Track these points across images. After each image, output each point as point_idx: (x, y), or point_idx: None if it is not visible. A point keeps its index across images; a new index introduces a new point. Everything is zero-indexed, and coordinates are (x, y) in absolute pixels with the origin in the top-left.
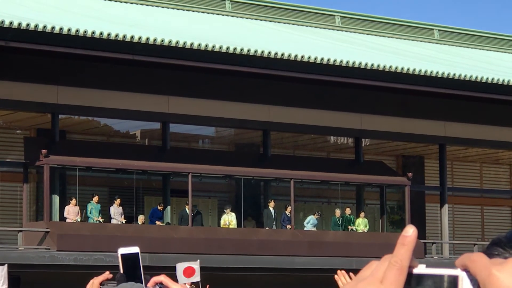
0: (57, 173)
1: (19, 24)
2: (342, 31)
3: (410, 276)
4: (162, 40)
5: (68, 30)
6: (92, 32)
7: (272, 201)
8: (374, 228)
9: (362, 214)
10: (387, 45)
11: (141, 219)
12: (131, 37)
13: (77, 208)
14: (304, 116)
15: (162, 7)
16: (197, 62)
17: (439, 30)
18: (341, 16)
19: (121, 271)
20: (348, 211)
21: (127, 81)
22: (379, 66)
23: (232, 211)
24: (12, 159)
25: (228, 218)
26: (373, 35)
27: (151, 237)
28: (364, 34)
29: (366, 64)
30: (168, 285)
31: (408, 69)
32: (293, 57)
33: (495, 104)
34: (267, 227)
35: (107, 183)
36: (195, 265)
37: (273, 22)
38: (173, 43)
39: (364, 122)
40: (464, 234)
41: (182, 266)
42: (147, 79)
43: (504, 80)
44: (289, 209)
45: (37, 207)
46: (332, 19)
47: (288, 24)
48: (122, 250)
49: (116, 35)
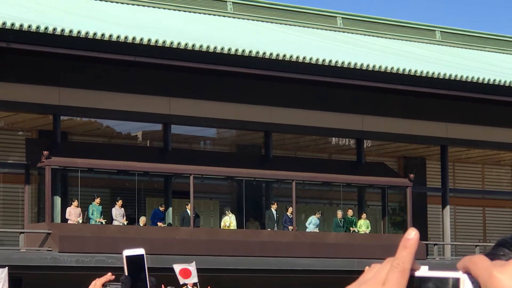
0: (59, 175)
1: (21, 26)
2: (344, 32)
3: (412, 279)
4: (164, 42)
5: (70, 32)
6: (94, 34)
7: (275, 203)
8: (376, 230)
9: (364, 216)
10: (389, 46)
11: (143, 221)
12: (133, 39)
13: (79, 210)
14: (306, 118)
15: (164, 9)
16: (199, 64)
17: (441, 32)
18: (343, 18)
19: (126, 273)
20: (350, 213)
21: (129, 83)
22: (381, 68)
23: (232, 213)
24: (14, 161)
25: (228, 220)
26: (375, 37)
27: (153, 239)
28: (366, 36)
29: (368, 66)
30: None
31: (410, 70)
32: (295, 59)
33: (497, 105)
34: (269, 229)
35: (109, 185)
36: (191, 267)
37: (275, 24)
38: (175, 45)
39: (366, 124)
40: (466, 236)
41: (178, 268)
42: (149, 81)
43: (506, 81)
44: (290, 210)
45: (39, 209)
46: (334, 21)
47: (290, 26)
48: (127, 252)
49: (118, 37)
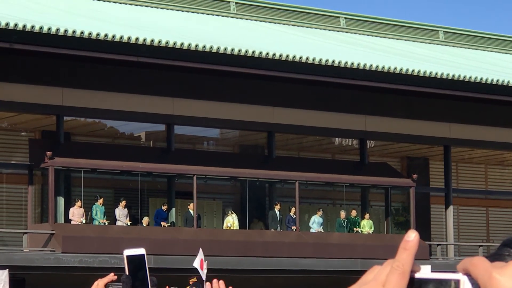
0: (62, 175)
1: (24, 26)
2: (347, 33)
3: (412, 281)
4: (167, 42)
5: (73, 32)
6: (97, 34)
7: (278, 204)
8: (379, 230)
9: (367, 216)
10: (392, 47)
11: (146, 221)
12: (136, 39)
13: (82, 210)
14: (309, 118)
15: (167, 9)
16: (202, 64)
17: (444, 32)
18: (346, 18)
19: (127, 273)
20: (354, 213)
21: (132, 83)
22: (384, 68)
23: (235, 213)
24: (17, 161)
25: (231, 220)
26: (378, 37)
27: (156, 239)
28: (369, 36)
29: (371, 66)
30: None
31: (413, 71)
32: (298, 59)
33: (500, 106)
34: (272, 229)
35: (112, 185)
36: (204, 258)
37: (278, 24)
38: (178, 45)
39: (369, 124)
40: (469, 236)
41: (197, 261)
42: (152, 81)
43: (509, 82)
44: (293, 211)
45: (42, 209)
46: (337, 21)
47: (293, 26)
48: (128, 252)
49: (121, 37)
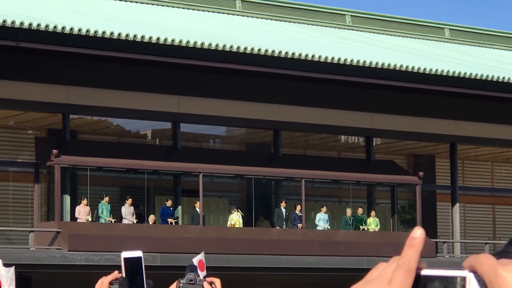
0: (68, 173)
1: (30, 25)
2: (353, 30)
3: (418, 278)
4: (173, 40)
5: (79, 30)
6: (103, 32)
7: (284, 202)
8: (385, 227)
9: (373, 213)
10: (398, 44)
11: (152, 219)
12: (142, 37)
13: (88, 208)
14: (315, 116)
15: (173, 7)
16: (208, 62)
17: (450, 29)
18: (352, 16)
19: (124, 275)
20: (360, 211)
21: (138, 81)
22: (390, 65)
23: (241, 211)
24: (23, 160)
25: (234, 218)
26: (384, 34)
27: (162, 237)
28: (375, 33)
29: (377, 63)
30: None
31: (419, 68)
32: (304, 57)
33: (507, 103)
34: (278, 227)
35: (118, 183)
36: (203, 259)
37: (284, 22)
38: (184, 43)
39: (375, 121)
40: (476, 233)
41: (197, 260)
42: (158, 79)
43: None
44: (299, 208)
45: (48, 207)
46: (343, 18)
47: (299, 24)
48: (125, 254)
49: (127, 35)
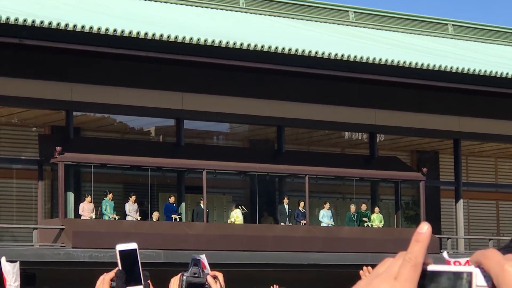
0: (72, 170)
1: (33, 22)
2: (356, 27)
3: (424, 273)
4: (176, 37)
5: (82, 27)
6: (106, 29)
7: (286, 198)
8: (389, 224)
9: (377, 210)
10: (401, 40)
11: (156, 216)
12: (145, 34)
13: (92, 205)
14: (318, 112)
15: (176, 4)
16: (211, 59)
17: (453, 25)
18: (355, 12)
19: (120, 267)
20: (364, 207)
21: (141, 78)
22: (393, 62)
23: (240, 207)
24: (27, 157)
25: (234, 215)
26: (387, 31)
27: (166, 234)
28: (378, 30)
29: (380, 60)
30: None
31: (423, 64)
32: (307, 53)
33: (510, 99)
34: (281, 223)
35: (122, 180)
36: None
37: (287, 18)
38: (187, 40)
39: (379, 118)
40: (479, 229)
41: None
42: (161, 76)
43: None
44: (302, 205)
45: (52, 205)
46: (346, 15)
47: (302, 20)
48: (120, 247)
49: (130, 32)
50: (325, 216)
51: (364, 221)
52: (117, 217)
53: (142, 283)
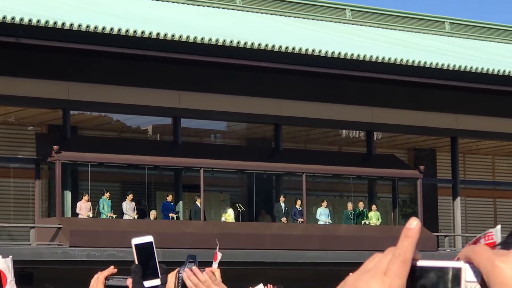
0: (69, 169)
1: (30, 21)
2: (353, 25)
3: (414, 269)
4: (173, 35)
5: (79, 26)
6: (102, 28)
7: (282, 196)
8: (387, 222)
9: (374, 207)
10: (398, 38)
11: (154, 214)
12: (142, 32)
13: (89, 204)
14: (316, 110)
15: (173, 2)
16: (208, 57)
17: (450, 23)
18: (352, 10)
19: (136, 262)
20: (361, 205)
21: (138, 77)
22: (390, 59)
23: (238, 206)
24: (24, 156)
25: (225, 214)
26: (384, 28)
27: (164, 232)
28: (375, 27)
29: (377, 58)
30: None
31: (419, 62)
32: (304, 51)
33: (507, 96)
34: (280, 221)
35: (119, 179)
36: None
37: (283, 16)
38: (184, 38)
39: (376, 116)
40: (477, 227)
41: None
42: (158, 74)
43: None
44: (299, 203)
45: (49, 203)
46: (343, 13)
47: (299, 18)
48: (136, 240)
49: (126, 31)
50: (323, 214)
51: (364, 222)
52: (115, 216)
53: (160, 277)
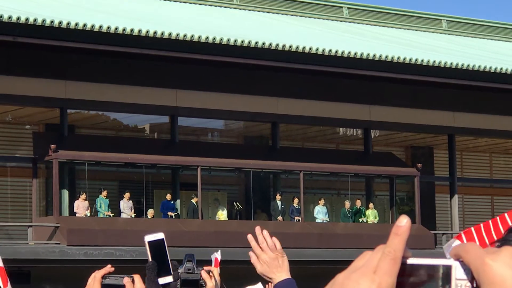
0: (66, 168)
1: (26, 19)
2: (350, 23)
3: (404, 266)
4: (170, 34)
5: (76, 25)
6: (100, 26)
7: (278, 194)
8: (384, 219)
9: (372, 205)
10: (395, 36)
11: (151, 213)
12: (139, 31)
13: (87, 203)
14: (313, 108)
15: (170, 1)
16: (205, 55)
17: (447, 21)
18: (349, 8)
19: (150, 259)
20: (359, 203)
21: (135, 75)
22: (387, 57)
23: (240, 204)
24: (21, 155)
25: (219, 212)
26: (381, 26)
27: (161, 231)
28: (372, 25)
29: (374, 55)
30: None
31: (417, 60)
32: (301, 49)
33: (504, 94)
34: (277, 219)
35: (116, 177)
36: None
37: (281, 15)
38: (181, 37)
39: (373, 113)
40: (474, 225)
41: (213, 257)
42: (155, 73)
43: None
44: (296, 201)
45: (47, 202)
46: (340, 11)
47: (296, 16)
48: (149, 237)
49: (124, 29)
50: (320, 212)
51: (361, 220)
52: (112, 215)
53: (172, 273)
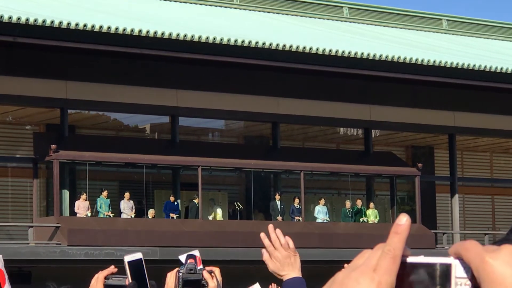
0: (67, 168)
1: (27, 20)
2: (350, 22)
3: (404, 265)
4: (170, 34)
5: (76, 25)
6: (100, 27)
7: (278, 194)
8: (385, 219)
9: (372, 205)
10: (396, 36)
11: (151, 213)
12: (139, 31)
13: (87, 203)
14: (313, 108)
15: (169, 1)
16: (205, 55)
17: (448, 20)
18: (349, 7)
19: (130, 279)
20: (359, 203)
21: (136, 75)
22: (388, 57)
23: (241, 204)
24: (22, 155)
25: (215, 212)
26: (381, 26)
27: (161, 231)
28: (372, 25)
29: (375, 55)
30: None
31: (417, 60)
32: (302, 49)
33: (505, 93)
34: (277, 219)
35: (117, 178)
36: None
37: (281, 15)
38: (181, 36)
39: (374, 113)
40: (475, 224)
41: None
42: (156, 73)
43: None
44: (297, 201)
45: (47, 203)
46: (340, 10)
47: (296, 16)
48: (128, 257)
49: (124, 29)
50: (321, 212)
51: (362, 220)
52: (112, 215)
53: None
